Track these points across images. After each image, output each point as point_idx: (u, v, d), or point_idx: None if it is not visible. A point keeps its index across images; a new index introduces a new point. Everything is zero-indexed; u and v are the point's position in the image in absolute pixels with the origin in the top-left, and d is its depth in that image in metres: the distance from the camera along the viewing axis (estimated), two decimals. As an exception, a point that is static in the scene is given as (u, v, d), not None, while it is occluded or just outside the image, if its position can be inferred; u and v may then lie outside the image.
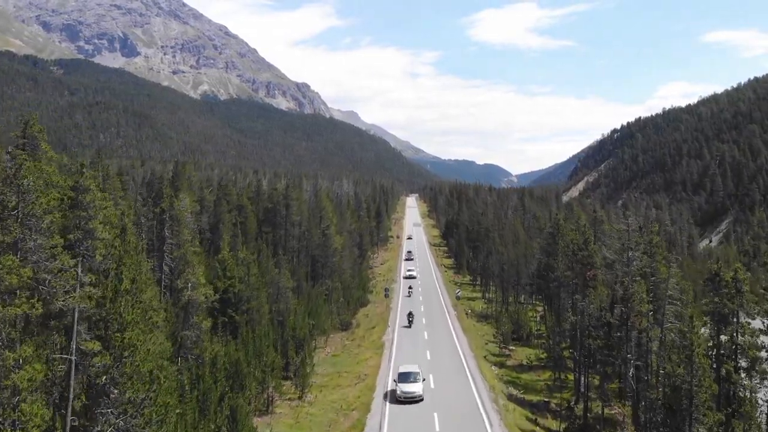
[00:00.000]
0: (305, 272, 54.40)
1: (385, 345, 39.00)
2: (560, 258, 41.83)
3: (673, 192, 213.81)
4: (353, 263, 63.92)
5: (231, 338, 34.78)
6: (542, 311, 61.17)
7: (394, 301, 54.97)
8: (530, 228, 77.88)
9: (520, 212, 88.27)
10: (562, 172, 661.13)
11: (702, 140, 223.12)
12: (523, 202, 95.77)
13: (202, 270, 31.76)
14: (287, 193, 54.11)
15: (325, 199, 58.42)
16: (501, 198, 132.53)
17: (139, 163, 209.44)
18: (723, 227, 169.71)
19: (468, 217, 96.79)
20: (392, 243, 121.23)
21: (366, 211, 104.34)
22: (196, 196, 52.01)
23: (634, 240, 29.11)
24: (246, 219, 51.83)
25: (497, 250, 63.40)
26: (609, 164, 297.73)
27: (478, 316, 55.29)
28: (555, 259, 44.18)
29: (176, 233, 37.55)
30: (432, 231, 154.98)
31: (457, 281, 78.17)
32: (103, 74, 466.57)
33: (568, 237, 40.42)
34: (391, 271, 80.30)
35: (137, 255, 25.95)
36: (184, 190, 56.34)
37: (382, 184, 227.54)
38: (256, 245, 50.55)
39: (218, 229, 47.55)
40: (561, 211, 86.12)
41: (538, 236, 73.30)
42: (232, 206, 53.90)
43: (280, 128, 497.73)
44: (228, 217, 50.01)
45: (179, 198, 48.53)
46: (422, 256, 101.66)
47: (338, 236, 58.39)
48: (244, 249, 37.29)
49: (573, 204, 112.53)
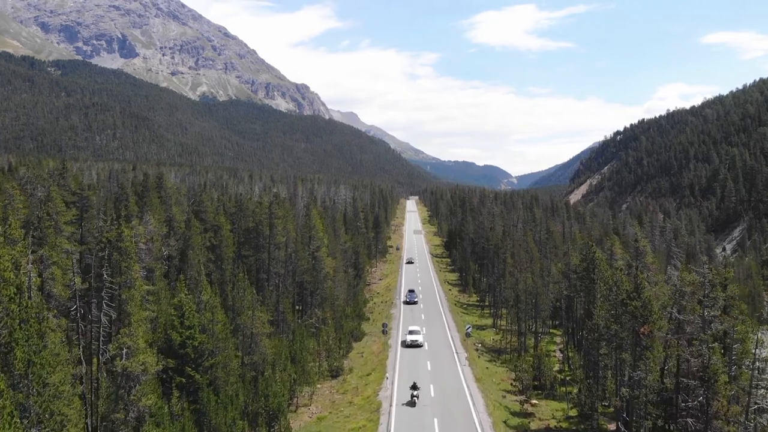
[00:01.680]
0: (290, 302, 47.33)
1: (382, 406, 31.81)
2: (599, 304, 34.09)
3: (680, 196, 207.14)
4: (348, 286, 56.85)
5: (188, 404, 27.72)
6: (561, 343, 54.01)
7: (393, 336, 47.83)
8: (544, 244, 70.90)
9: (530, 224, 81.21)
10: (563, 173, 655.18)
11: (709, 143, 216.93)
12: (532, 213, 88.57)
13: (141, 331, 24.58)
14: (271, 210, 47.00)
15: (315, 216, 51.33)
16: (507, 206, 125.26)
17: (131, 166, 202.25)
18: (736, 235, 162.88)
19: (473, 228, 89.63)
20: (391, 254, 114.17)
21: (364, 221, 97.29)
22: (165, 215, 44.90)
23: (711, 295, 21.98)
24: (222, 242, 44.72)
25: (509, 271, 56.29)
26: (612, 167, 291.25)
27: (490, 352, 48.16)
28: (590, 300, 36.82)
29: (125, 270, 30.50)
30: (433, 239, 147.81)
31: (463, 303, 70.99)
32: (101, 75, 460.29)
33: (608, 277, 33.05)
34: (390, 290, 73.09)
35: (39, 323, 18.81)
36: (154, 207, 49.27)
37: (381, 188, 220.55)
38: (233, 272, 43.44)
39: (187, 255, 40.57)
40: (580, 229, 79.17)
41: (553, 254, 66.25)
42: (208, 225, 46.80)
43: (279, 130, 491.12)
44: (200, 240, 42.91)
45: (141, 220, 41.43)
46: (423, 268, 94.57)
47: (330, 259, 51.24)
48: (208, 290, 30.24)
49: (586, 214, 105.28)
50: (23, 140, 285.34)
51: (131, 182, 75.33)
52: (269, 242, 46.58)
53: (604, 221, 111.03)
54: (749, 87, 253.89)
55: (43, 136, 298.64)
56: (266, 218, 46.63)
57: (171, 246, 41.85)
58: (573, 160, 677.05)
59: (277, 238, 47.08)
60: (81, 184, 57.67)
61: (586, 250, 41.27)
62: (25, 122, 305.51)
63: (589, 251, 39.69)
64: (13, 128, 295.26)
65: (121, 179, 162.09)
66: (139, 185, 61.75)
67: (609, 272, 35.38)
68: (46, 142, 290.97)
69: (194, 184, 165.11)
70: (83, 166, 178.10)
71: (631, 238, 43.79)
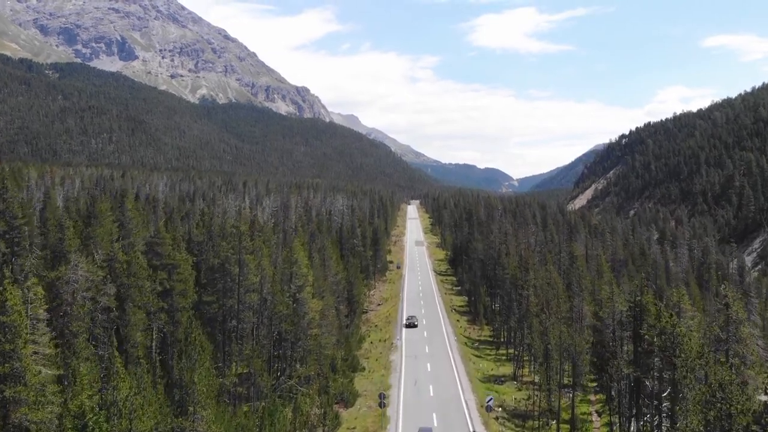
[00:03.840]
0: (265, 358, 38.10)
1: None
2: (655, 361, 25.26)
3: (692, 204, 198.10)
4: (339, 327, 47.63)
5: None
6: (596, 401, 44.62)
7: (392, 401, 38.58)
8: (567, 272, 61.69)
9: (549, 244, 71.88)
10: (565, 176, 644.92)
11: (721, 148, 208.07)
12: (547, 229, 79.00)
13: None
14: (241, 245, 37.87)
15: (299, 249, 42.12)
16: (517, 219, 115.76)
17: (120, 173, 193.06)
18: (756, 246, 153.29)
19: (483, 248, 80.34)
20: (392, 271, 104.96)
21: (361, 238, 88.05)
22: (106, 253, 35.67)
23: None
24: (174, 286, 35.49)
25: (532, 311, 47.02)
26: (618, 171, 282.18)
27: (513, 418, 38.93)
28: (645, 357, 27.87)
29: (9, 354, 21.42)
30: (436, 252, 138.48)
31: (474, 339, 61.64)
32: (99, 78, 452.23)
33: (668, 335, 23.97)
34: (390, 323, 63.81)
35: None
36: (100, 238, 40.06)
37: (382, 195, 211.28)
38: (189, 327, 34.26)
39: (125, 310, 31.42)
40: (602, 247, 69.89)
41: (577, 283, 56.95)
42: (164, 263, 37.59)
43: (278, 133, 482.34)
44: (145, 287, 33.71)
45: (69, 263, 32.45)
46: (427, 290, 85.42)
47: (316, 300, 42.00)
48: (127, 380, 21.02)
49: (605, 230, 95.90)
50: (17, 144, 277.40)
51: (85, 201, 66.10)
52: (239, 284, 37.44)
53: (624, 235, 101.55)
54: (758, 90, 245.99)
55: (37, 140, 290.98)
56: (235, 254, 37.50)
57: (110, 295, 32.76)
58: (575, 162, 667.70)
59: (249, 278, 37.92)
60: (22, 203, 48.62)
61: (632, 296, 32.33)
62: (20, 126, 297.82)
63: (634, 297, 30.79)
64: (8, 132, 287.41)
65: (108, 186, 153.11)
66: (85, 210, 52.74)
67: (667, 325, 26.31)
68: (41, 146, 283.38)
69: (184, 193, 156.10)
70: (67, 172, 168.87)
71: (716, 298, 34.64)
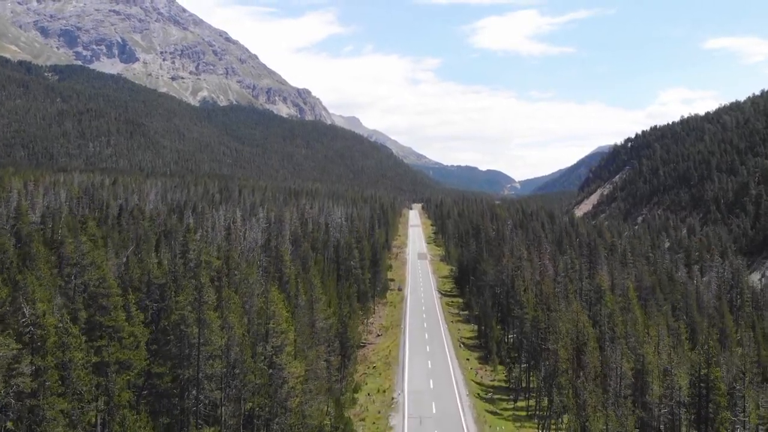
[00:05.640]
0: (232, 442, 30.42)
1: None
2: None
3: (704, 211, 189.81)
4: (328, 388, 39.85)
5: None
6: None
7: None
8: (590, 306, 53.83)
9: (570, 273, 63.87)
10: (567, 178, 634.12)
11: (733, 153, 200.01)
12: (572, 260, 70.62)
13: None
14: (201, 299, 30.08)
15: (277, 299, 34.28)
16: (529, 237, 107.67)
17: (112, 179, 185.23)
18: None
19: (494, 274, 72.49)
20: (393, 292, 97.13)
21: (359, 259, 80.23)
22: (30, 315, 27.95)
23: None
24: (111, 358, 27.72)
25: (560, 368, 39.19)
26: (624, 176, 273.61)
27: None
28: None
29: None
30: (440, 267, 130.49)
31: (487, 386, 53.73)
32: (99, 80, 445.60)
33: None
34: (390, 365, 55.93)
35: None
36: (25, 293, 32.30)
37: (383, 203, 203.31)
38: (132, 411, 26.50)
39: (43, 388, 23.76)
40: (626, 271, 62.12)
41: (608, 326, 49.10)
42: (105, 321, 29.87)
43: (279, 135, 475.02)
44: (76, 361, 26.02)
45: None
46: (432, 317, 77.64)
47: (297, 362, 34.23)
48: None
49: (626, 250, 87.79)
50: (14, 147, 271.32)
51: (64, 220, 58.09)
52: (198, 350, 29.76)
53: (647, 255, 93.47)
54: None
55: (34, 144, 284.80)
56: (193, 312, 29.80)
57: (25, 375, 25.12)
58: (577, 164, 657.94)
59: (212, 340, 30.22)
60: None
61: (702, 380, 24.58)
62: (17, 129, 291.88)
63: (710, 386, 23.05)
64: (5, 135, 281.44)
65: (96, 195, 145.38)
66: (58, 232, 45.08)
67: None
68: (38, 150, 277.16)
69: (174, 204, 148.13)
70: (57, 179, 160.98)
71: None
